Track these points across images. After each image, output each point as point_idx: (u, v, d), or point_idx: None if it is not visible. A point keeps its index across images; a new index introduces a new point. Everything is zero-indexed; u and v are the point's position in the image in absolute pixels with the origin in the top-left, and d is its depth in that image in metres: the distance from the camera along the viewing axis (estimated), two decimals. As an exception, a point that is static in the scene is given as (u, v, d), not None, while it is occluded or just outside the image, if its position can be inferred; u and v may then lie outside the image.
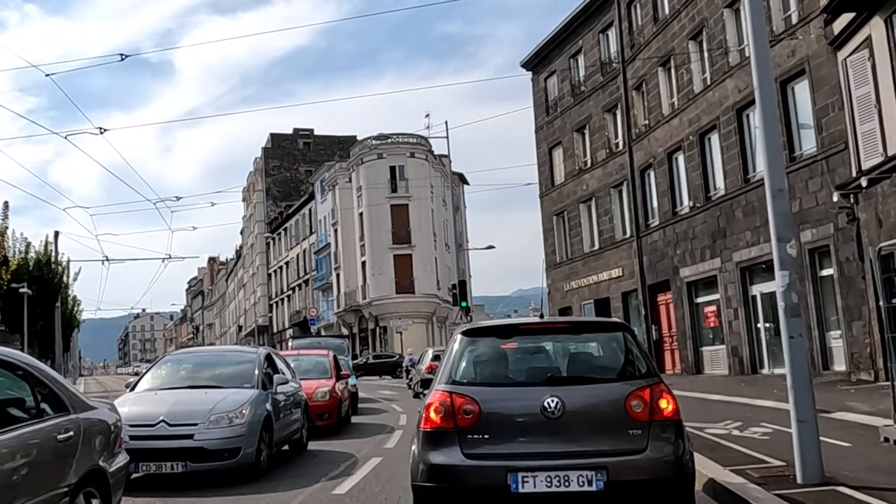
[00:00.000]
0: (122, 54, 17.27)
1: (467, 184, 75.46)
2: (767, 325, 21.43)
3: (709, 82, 23.46)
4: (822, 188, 18.52)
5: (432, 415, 5.45)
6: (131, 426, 8.49)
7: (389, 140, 57.05)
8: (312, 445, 11.99)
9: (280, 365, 10.91)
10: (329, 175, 63.94)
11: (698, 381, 21.60)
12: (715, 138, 23.36)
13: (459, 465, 5.27)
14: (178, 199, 29.48)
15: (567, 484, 5.13)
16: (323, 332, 69.71)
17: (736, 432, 10.23)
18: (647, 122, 27.54)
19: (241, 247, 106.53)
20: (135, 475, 8.51)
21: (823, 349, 18.96)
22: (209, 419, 8.53)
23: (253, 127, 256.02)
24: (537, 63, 35.35)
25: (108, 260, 41.44)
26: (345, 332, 63.41)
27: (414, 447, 5.64)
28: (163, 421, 8.48)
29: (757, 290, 21.89)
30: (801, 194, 19.18)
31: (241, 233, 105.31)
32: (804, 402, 6.66)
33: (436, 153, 57.44)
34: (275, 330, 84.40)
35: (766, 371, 21.46)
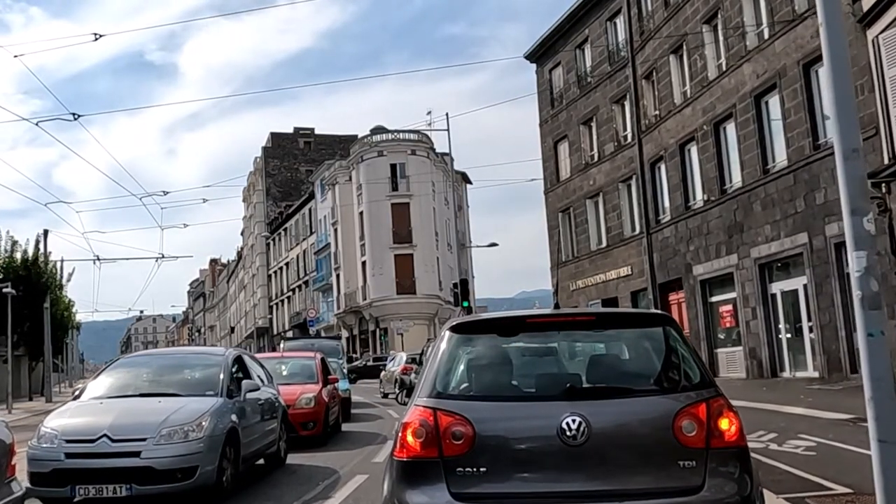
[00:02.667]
0: (95, 34, 16.06)
1: (470, 183, 74.14)
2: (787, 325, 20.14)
3: (724, 68, 22.15)
4: (849, 177, 17.18)
5: (410, 439, 3.99)
6: (68, 442, 7.27)
7: (390, 137, 55.72)
8: (293, 459, 10.70)
9: (253, 369, 9.60)
10: (329, 174, 62.67)
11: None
12: (731, 127, 22.03)
13: None
14: (166, 193, 28.39)
15: None
16: (323, 334, 68.57)
17: (774, 446, 8.92)
18: (657, 112, 26.23)
19: (242, 248, 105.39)
20: (75, 500, 7.26)
21: (851, 350, 17.59)
22: (160, 433, 7.25)
23: (256, 129, 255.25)
24: (542, 54, 34.05)
25: (98, 259, 40.31)
26: (345, 333, 62.16)
27: (386, 482, 4.17)
28: (105, 436, 7.20)
29: (777, 288, 20.54)
30: (827, 184, 17.87)
31: (242, 234, 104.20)
32: (889, 416, 5.29)
33: (438, 151, 56.15)
34: (275, 332, 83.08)
35: (786, 374, 20.11)
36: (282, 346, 25.84)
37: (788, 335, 20.20)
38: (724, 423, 3.96)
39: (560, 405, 3.96)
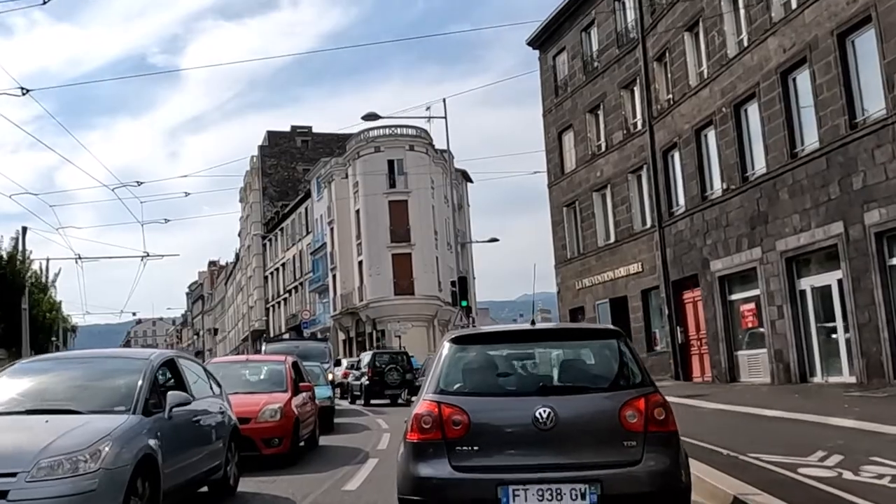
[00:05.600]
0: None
1: (471, 181, 72.34)
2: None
3: (745, 44, 20.24)
4: (893, 158, 15.27)
5: (419, 425, 5.19)
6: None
7: (387, 132, 53.78)
8: (247, 485, 8.80)
9: (189, 376, 7.68)
10: (325, 171, 60.77)
11: (738, 392, 18.34)
12: (753, 108, 20.11)
13: (448, 477, 5.05)
14: (140, 183, 26.31)
15: (560, 498, 4.93)
16: (319, 336, 66.63)
17: (849, 475, 7.00)
18: (670, 96, 24.33)
19: (239, 249, 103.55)
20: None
21: (895, 353, 15.66)
22: (37, 465, 5.36)
23: (258, 131, 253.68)
24: (545, 40, 32.17)
25: (80, 258, 38.57)
26: (341, 336, 60.25)
27: (400, 458, 5.35)
28: (-40, 470, 5.30)
29: (807, 283, 18.61)
30: (866, 167, 15.97)
31: (239, 235, 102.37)
32: None
33: (437, 148, 54.23)
34: (272, 334, 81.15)
35: (818, 379, 18.18)
36: (264, 348, 23.99)
37: (820, 336, 18.26)
38: (658, 413, 5.09)
39: (534, 399, 5.13)
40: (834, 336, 17.70)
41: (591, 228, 29.33)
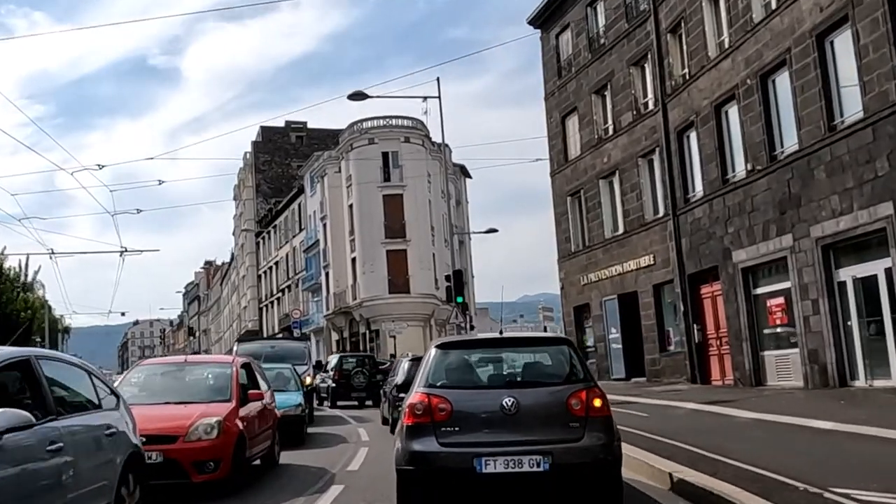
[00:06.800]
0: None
1: (469, 177, 70.09)
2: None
3: (774, 6, 18.01)
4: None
5: (413, 411, 6.46)
6: None
7: (382, 123, 51.46)
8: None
9: (53, 384, 5.41)
10: (318, 165, 58.47)
11: (769, 398, 16.10)
12: (783, 78, 17.88)
13: (436, 451, 6.30)
14: (101, 167, 24.08)
15: (520, 465, 6.20)
16: (313, 337, 64.31)
17: None
18: (686, 71, 22.10)
19: (234, 248, 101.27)
20: None
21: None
22: None
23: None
24: (547, 17, 29.94)
25: (53, 253, 36.62)
26: (335, 336, 57.97)
27: (398, 438, 6.65)
28: None
29: (846, 274, 16.35)
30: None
31: (234, 233, 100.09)
32: None
33: (434, 140, 51.96)
34: (265, 335, 78.79)
35: (860, 383, 15.93)
36: (235, 348, 21.73)
37: (863, 333, 15.99)
38: (596, 402, 6.51)
39: (502, 391, 6.60)
40: (881, 334, 15.43)
41: (598, 219, 27.09)
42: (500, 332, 7.90)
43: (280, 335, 66.24)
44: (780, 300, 18.42)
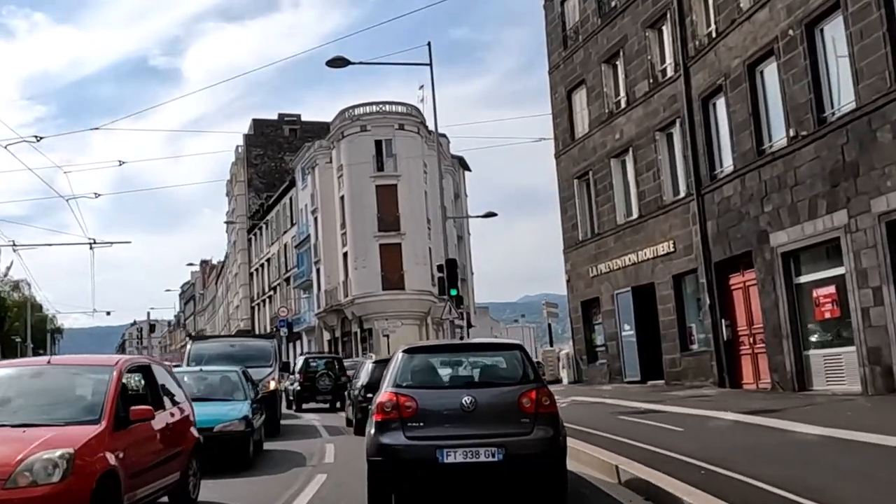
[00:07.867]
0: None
1: (468, 170, 67.28)
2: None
3: (823, -60, 15.19)
4: None
5: (382, 409, 7.21)
6: None
7: (375, 109, 48.56)
8: None
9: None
10: (308, 155, 55.58)
11: (825, 406, 13.24)
12: (834, 26, 15.06)
13: (402, 444, 7.02)
14: (39, 139, 21.34)
15: (477, 456, 6.96)
16: (304, 336, 61.49)
17: None
18: (712, 28, 19.26)
19: (227, 246, 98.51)
20: None
21: None
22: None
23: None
24: (551, -18, 27.14)
25: (15, 246, 34.18)
26: (326, 335, 55.13)
27: (369, 432, 7.35)
28: None
29: (918, 256, 13.52)
30: None
31: (227, 231, 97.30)
32: None
33: (430, 128, 49.07)
34: (257, 334, 75.97)
35: (936, 388, 13.09)
36: (188, 348, 18.85)
37: (941, 328, 13.17)
38: (545, 400, 7.32)
39: (462, 391, 7.39)
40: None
41: (609, 203, 24.25)
42: (461, 338, 7.94)
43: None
44: (831, 289, 15.54)
